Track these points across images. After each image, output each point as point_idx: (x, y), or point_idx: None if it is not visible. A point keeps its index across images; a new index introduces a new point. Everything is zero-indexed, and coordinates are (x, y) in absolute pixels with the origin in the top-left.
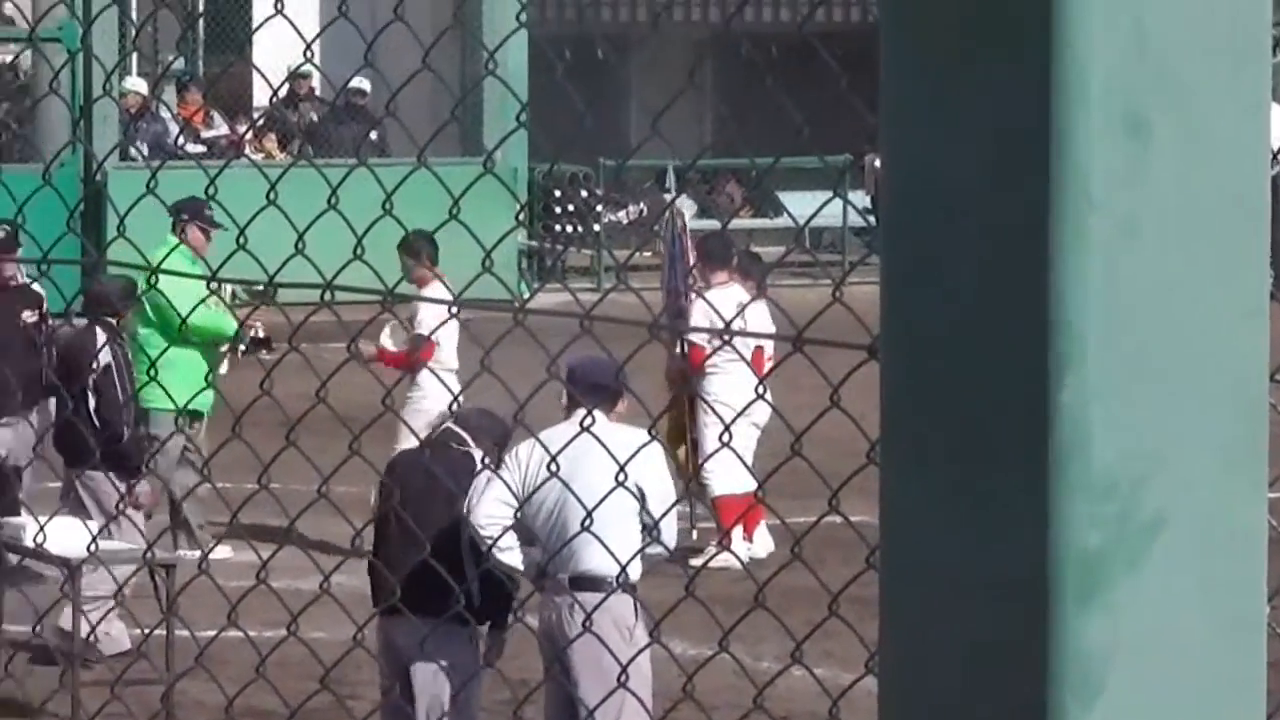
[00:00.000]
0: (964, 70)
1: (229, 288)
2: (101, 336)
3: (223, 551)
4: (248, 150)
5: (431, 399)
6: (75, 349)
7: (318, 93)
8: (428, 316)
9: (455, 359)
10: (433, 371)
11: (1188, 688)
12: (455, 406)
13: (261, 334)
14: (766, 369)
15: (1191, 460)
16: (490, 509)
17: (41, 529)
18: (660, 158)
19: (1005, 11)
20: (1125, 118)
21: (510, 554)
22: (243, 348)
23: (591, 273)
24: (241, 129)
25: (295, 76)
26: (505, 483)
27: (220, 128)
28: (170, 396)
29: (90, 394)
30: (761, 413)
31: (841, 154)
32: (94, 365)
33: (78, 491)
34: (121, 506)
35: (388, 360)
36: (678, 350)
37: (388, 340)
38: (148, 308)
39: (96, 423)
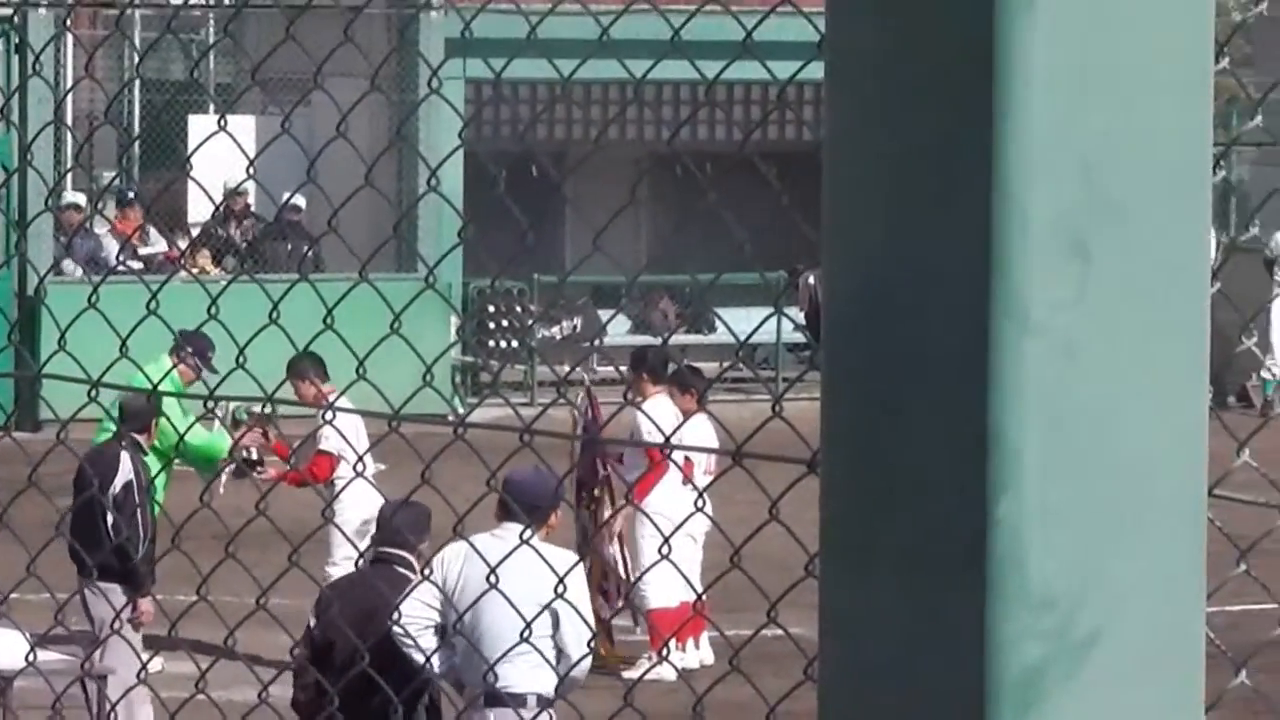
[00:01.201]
0: (906, 198)
1: (230, 406)
2: (126, 455)
3: (155, 664)
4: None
5: (351, 508)
6: (98, 462)
7: (253, 209)
8: (330, 431)
9: (368, 464)
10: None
11: None
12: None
13: (255, 455)
14: (705, 482)
15: (1129, 576)
16: (411, 608)
17: None
18: (595, 273)
19: (947, 141)
20: (1066, 242)
21: (418, 648)
22: (232, 469)
23: (525, 387)
24: (180, 244)
25: (232, 193)
26: (429, 584)
27: (157, 244)
28: None
29: (110, 509)
30: (698, 526)
31: (776, 271)
32: (115, 480)
33: (85, 601)
34: (118, 625)
35: (286, 478)
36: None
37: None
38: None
39: (113, 536)
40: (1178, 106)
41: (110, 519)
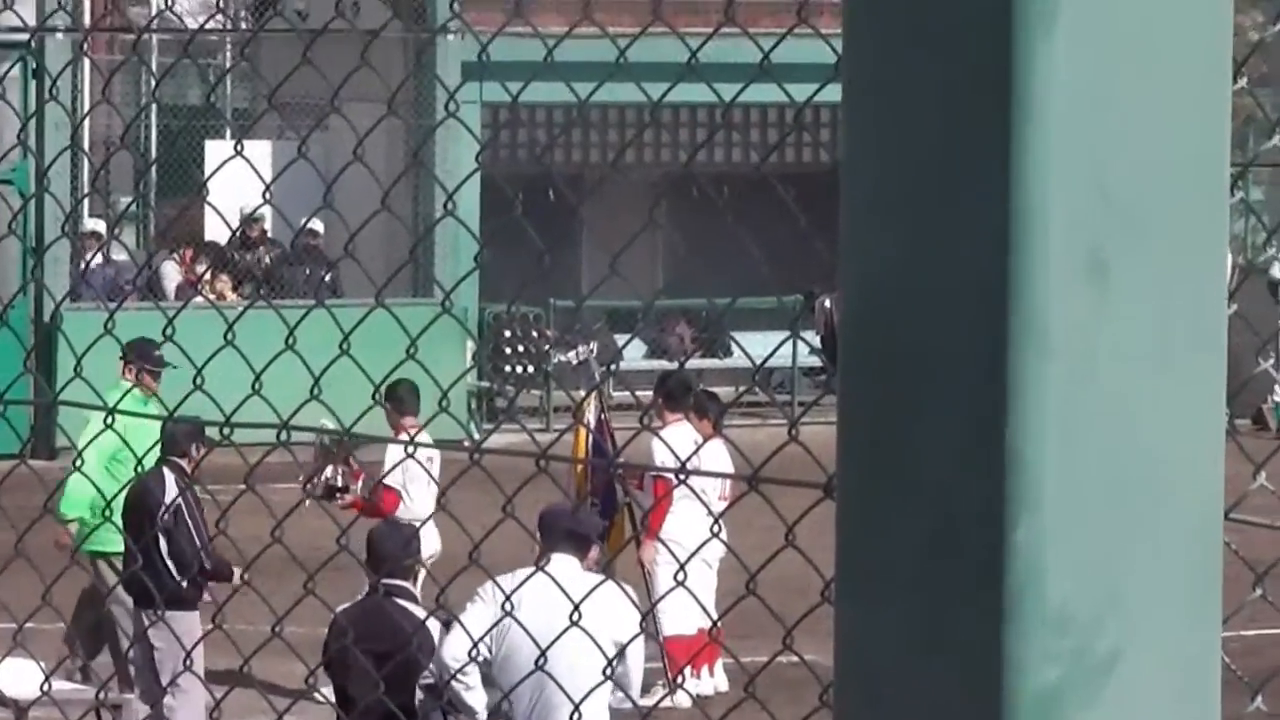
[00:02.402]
0: (923, 215)
1: (319, 436)
2: (170, 478)
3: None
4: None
5: (429, 545)
6: (144, 492)
7: (270, 234)
8: (395, 464)
9: (427, 508)
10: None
11: None
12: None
13: (340, 482)
14: (721, 508)
15: (1147, 598)
16: (457, 651)
17: None
18: (611, 298)
19: (965, 162)
20: (1085, 262)
21: (474, 694)
22: (317, 493)
23: (541, 413)
24: (200, 270)
25: (249, 220)
26: (470, 622)
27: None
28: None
29: (162, 536)
30: (713, 552)
31: (792, 295)
32: (164, 507)
33: (147, 633)
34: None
35: (355, 505)
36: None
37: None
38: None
39: (171, 564)
40: (1196, 126)
41: (164, 545)
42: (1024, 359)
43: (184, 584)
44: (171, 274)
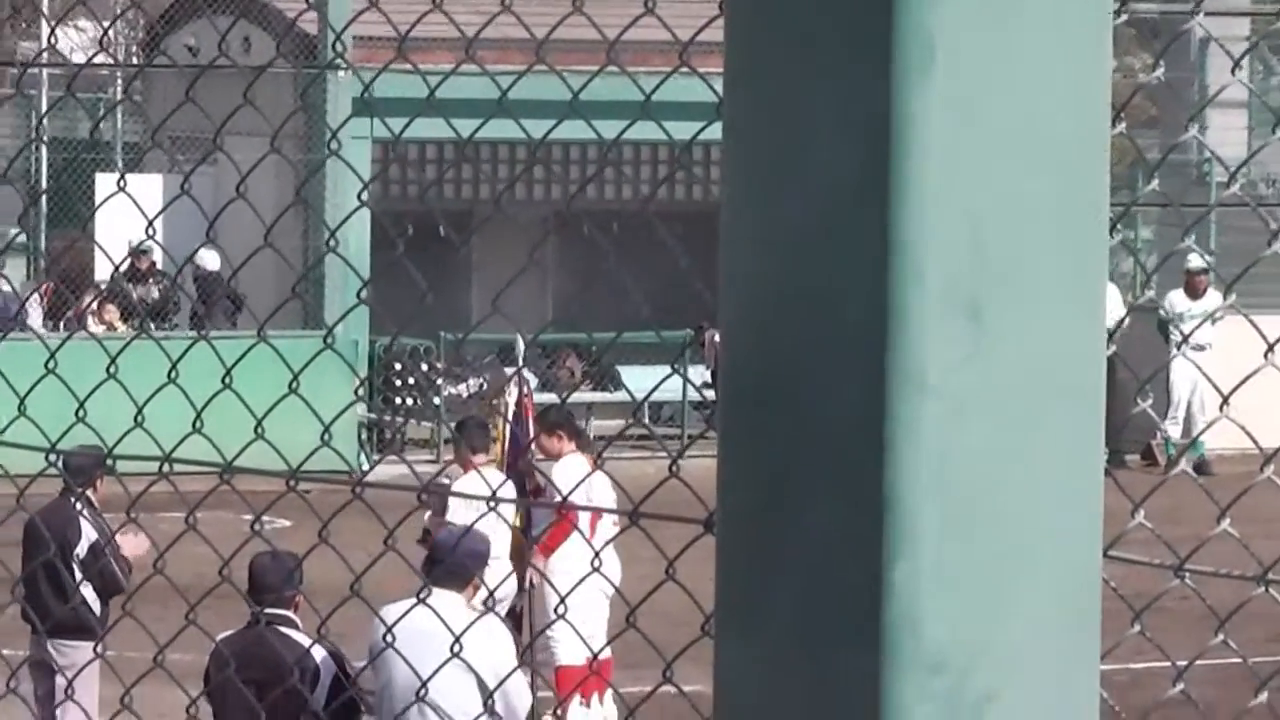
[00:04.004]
0: (801, 255)
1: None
2: (79, 509)
3: None
4: (91, 322)
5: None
6: (54, 522)
7: (159, 267)
8: (457, 506)
9: (501, 547)
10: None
11: None
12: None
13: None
14: (601, 539)
15: (1024, 637)
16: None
17: None
18: (502, 332)
19: (842, 202)
20: (961, 305)
21: None
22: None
23: (431, 445)
24: (85, 302)
25: (137, 252)
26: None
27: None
28: None
29: (75, 566)
30: (607, 582)
31: (683, 329)
32: (78, 541)
33: (50, 661)
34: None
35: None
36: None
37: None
38: None
39: (79, 594)
40: (1074, 169)
41: (78, 575)
42: (900, 400)
43: (96, 614)
44: (33, 305)
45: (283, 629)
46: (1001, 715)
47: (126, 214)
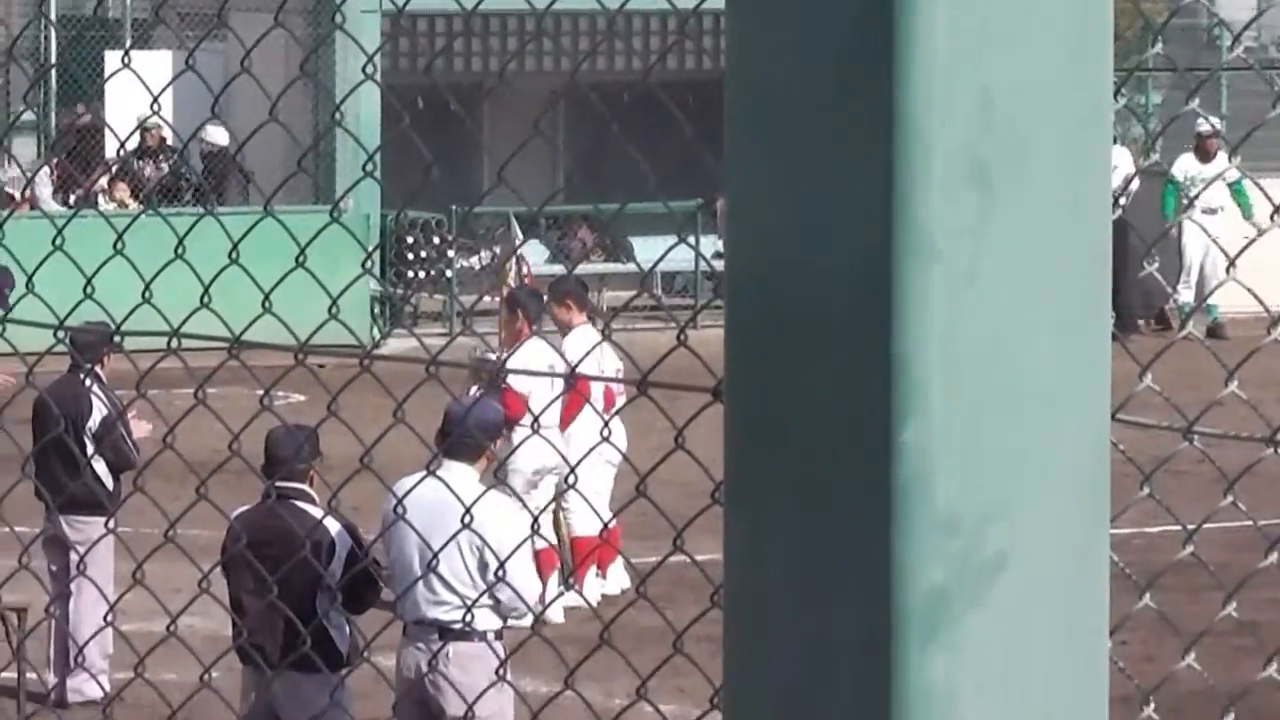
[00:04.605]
0: (808, 124)
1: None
2: (89, 384)
3: None
4: (101, 200)
5: (525, 458)
6: (65, 398)
7: (170, 143)
8: (518, 375)
9: (555, 416)
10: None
11: None
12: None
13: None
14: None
15: (1035, 499)
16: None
17: None
18: (513, 203)
19: (849, 73)
20: (968, 170)
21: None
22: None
23: (444, 318)
24: (95, 178)
25: (143, 128)
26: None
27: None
28: None
29: (89, 442)
30: (615, 452)
31: (694, 199)
32: (90, 415)
33: (64, 537)
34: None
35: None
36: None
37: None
38: None
39: (91, 469)
40: (1078, 35)
41: (90, 450)
42: (908, 263)
43: (109, 489)
44: (43, 180)
45: (298, 503)
46: (1014, 576)
47: (136, 92)
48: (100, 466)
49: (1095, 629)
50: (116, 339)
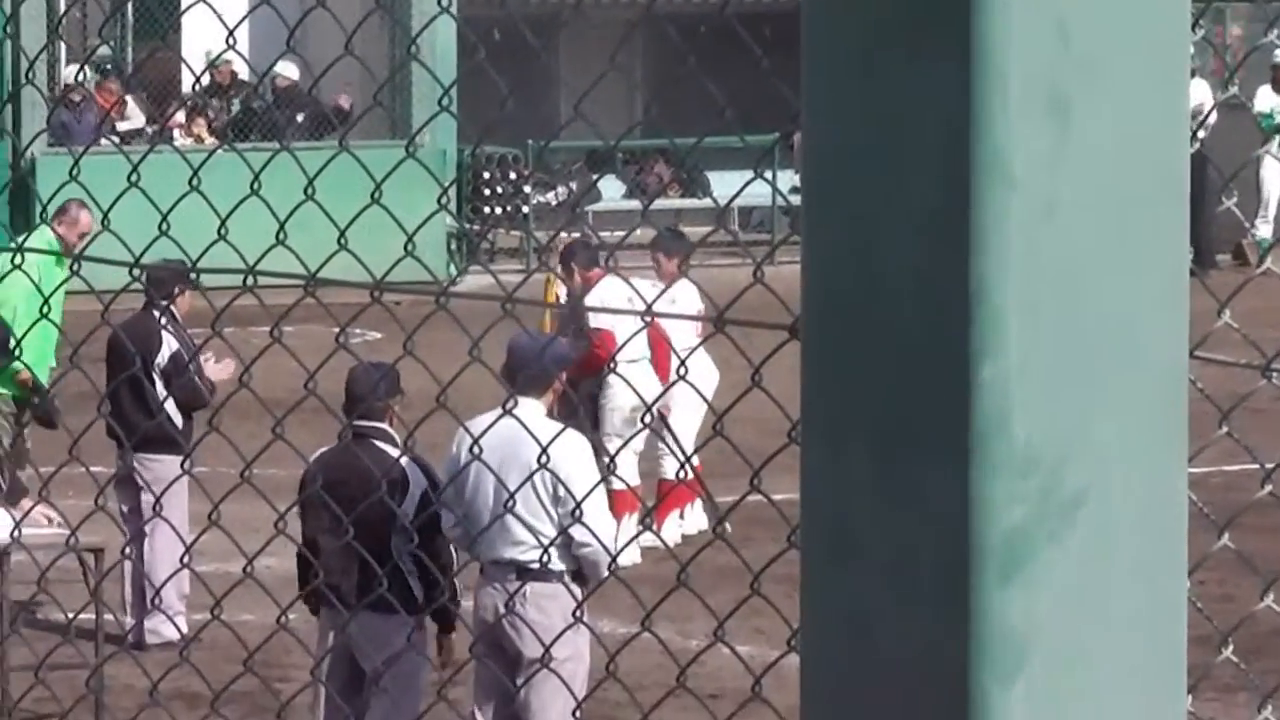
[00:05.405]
0: (884, 53)
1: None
2: (162, 321)
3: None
4: (178, 135)
5: (621, 394)
6: (136, 335)
7: (243, 78)
8: (598, 311)
9: (638, 350)
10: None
11: (1109, 663)
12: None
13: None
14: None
15: (1113, 437)
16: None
17: None
18: (589, 138)
19: (924, 1)
20: (1046, 99)
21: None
22: None
23: (520, 254)
24: (170, 114)
25: (215, 63)
26: (440, 477)
27: (135, 119)
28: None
29: (157, 378)
30: (706, 390)
31: (771, 133)
32: (159, 351)
33: (137, 476)
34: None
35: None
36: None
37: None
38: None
39: (162, 407)
40: None
41: (159, 387)
42: (986, 195)
43: (180, 428)
44: (136, 114)
45: (377, 441)
46: (1093, 515)
47: (213, 26)
48: (170, 404)
49: (1174, 568)
50: (192, 277)
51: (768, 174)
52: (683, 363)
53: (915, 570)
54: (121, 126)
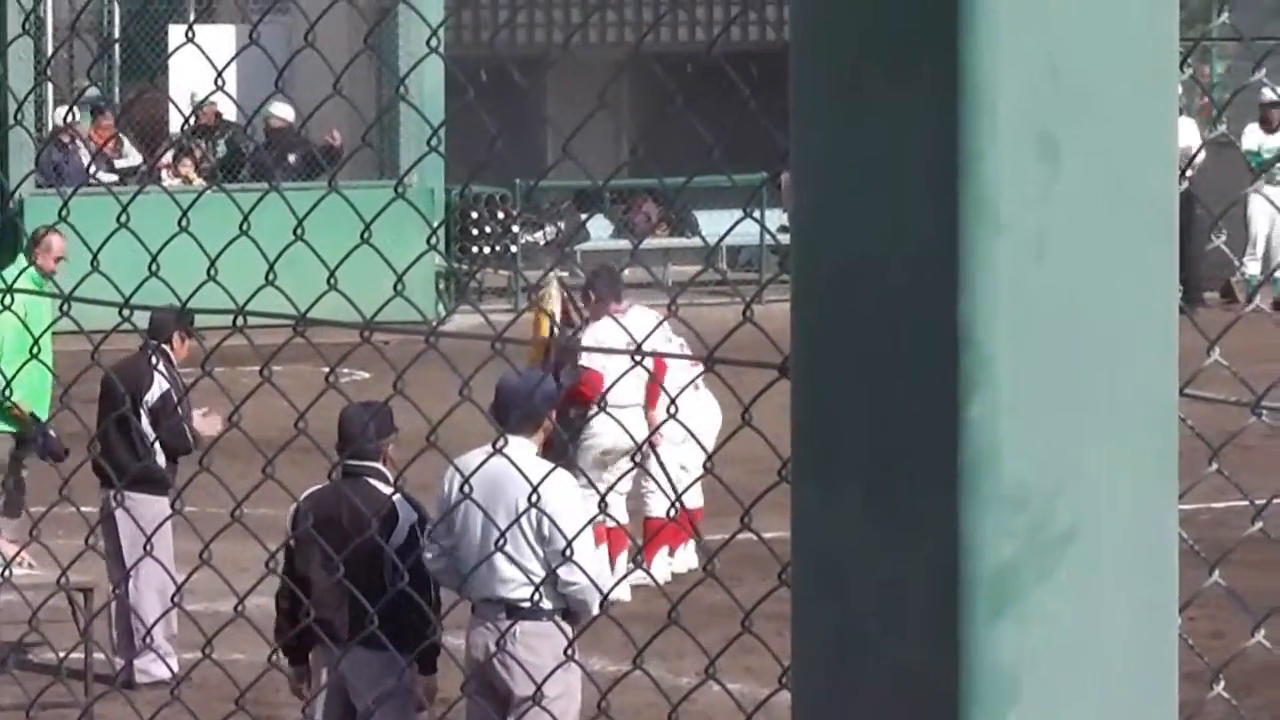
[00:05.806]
0: (872, 94)
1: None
2: (155, 363)
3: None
4: (165, 176)
5: (600, 435)
6: (129, 374)
7: (228, 119)
8: (595, 350)
9: (633, 395)
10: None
11: (1100, 699)
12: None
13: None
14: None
15: (1103, 473)
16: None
17: None
18: (577, 178)
19: (912, 39)
20: (1034, 139)
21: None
22: None
23: (509, 293)
24: (159, 154)
25: (202, 105)
26: (430, 514)
27: (131, 157)
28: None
29: (145, 417)
30: (707, 434)
31: (759, 172)
32: (149, 390)
33: (114, 513)
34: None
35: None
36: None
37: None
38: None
39: (144, 446)
40: (1145, 3)
41: (145, 425)
42: (975, 237)
43: (163, 468)
44: (133, 152)
45: (370, 480)
46: (1083, 550)
47: (200, 66)
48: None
49: (1164, 604)
50: (187, 319)
51: (756, 213)
52: (673, 400)
53: (906, 607)
54: (119, 164)
